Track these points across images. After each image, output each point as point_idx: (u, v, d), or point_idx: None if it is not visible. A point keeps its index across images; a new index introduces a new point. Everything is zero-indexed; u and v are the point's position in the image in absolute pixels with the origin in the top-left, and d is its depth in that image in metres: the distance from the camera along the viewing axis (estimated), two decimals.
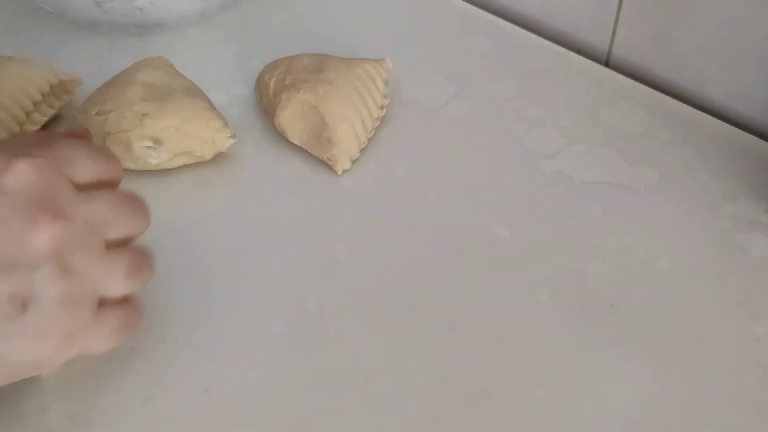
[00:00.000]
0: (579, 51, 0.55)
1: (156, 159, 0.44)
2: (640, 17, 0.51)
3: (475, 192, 0.45)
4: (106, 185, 0.32)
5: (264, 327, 0.38)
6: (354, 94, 0.45)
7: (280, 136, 0.47)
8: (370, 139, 0.47)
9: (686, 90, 0.52)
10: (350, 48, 0.52)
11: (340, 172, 0.45)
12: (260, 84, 0.48)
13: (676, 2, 0.49)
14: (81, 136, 0.35)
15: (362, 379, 0.36)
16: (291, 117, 0.45)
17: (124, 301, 0.32)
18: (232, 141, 0.45)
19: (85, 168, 0.31)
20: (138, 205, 0.33)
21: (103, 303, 0.31)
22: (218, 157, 0.46)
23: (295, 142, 0.46)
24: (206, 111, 0.45)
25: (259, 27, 0.57)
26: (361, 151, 0.46)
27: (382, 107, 0.48)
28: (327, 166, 0.46)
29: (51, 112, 0.47)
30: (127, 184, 0.45)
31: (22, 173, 0.29)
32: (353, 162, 0.46)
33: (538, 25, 0.58)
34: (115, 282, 0.31)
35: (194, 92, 0.46)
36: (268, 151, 0.47)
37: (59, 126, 0.48)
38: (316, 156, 0.46)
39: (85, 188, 0.31)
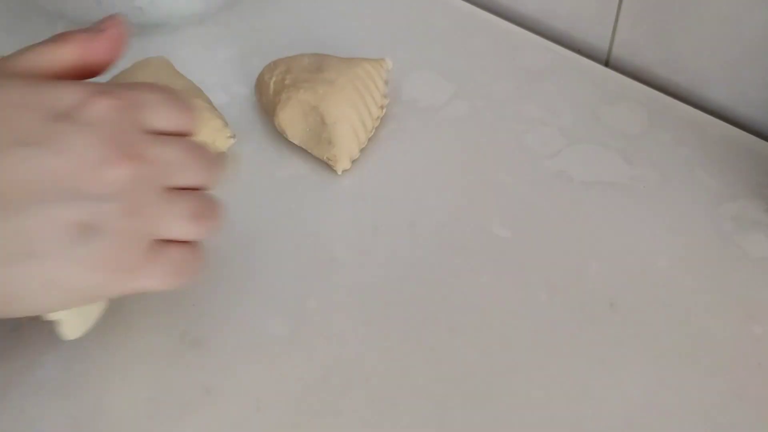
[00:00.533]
0: (579, 51, 0.55)
1: None
2: (640, 17, 0.51)
3: (475, 192, 0.45)
4: (181, 134, 0.33)
5: (264, 327, 0.38)
6: (354, 94, 0.45)
7: (280, 136, 0.47)
8: (370, 139, 0.47)
9: (686, 90, 0.52)
10: (350, 48, 0.52)
11: (340, 172, 0.45)
12: (260, 84, 0.48)
13: (676, 2, 0.49)
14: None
15: (362, 379, 0.36)
16: (291, 117, 0.45)
17: (186, 245, 0.32)
18: (232, 141, 0.45)
19: (162, 115, 0.32)
20: (210, 157, 0.34)
21: (165, 243, 0.32)
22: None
23: (295, 142, 0.46)
24: (206, 111, 0.45)
25: (259, 27, 0.57)
26: (361, 151, 0.46)
27: (382, 107, 0.48)
28: (327, 166, 0.46)
29: None
30: None
31: (102, 109, 0.30)
32: (353, 162, 0.46)
33: (538, 24, 0.58)
34: (178, 223, 0.32)
35: (194, 92, 0.46)
36: (268, 151, 0.47)
37: None
38: (316, 156, 0.46)
39: (159, 134, 0.32)
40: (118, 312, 0.39)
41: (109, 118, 0.30)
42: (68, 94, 0.30)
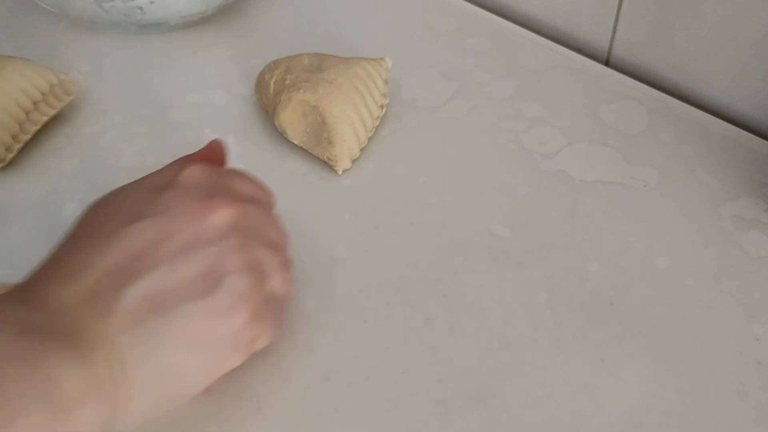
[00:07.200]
0: (579, 50, 0.55)
1: None
2: (640, 16, 0.51)
3: (475, 192, 0.45)
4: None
5: None
6: (354, 93, 0.45)
7: (280, 136, 0.47)
8: (370, 139, 0.47)
9: (686, 89, 0.52)
10: (350, 48, 0.52)
11: (340, 172, 0.45)
12: (260, 84, 0.48)
13: (676, 2, 0.49)
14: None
15: (362, 379, 0.36)
16: (291, 117, 0.45)
17: (279, 299, 0.33)
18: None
19: (242, 184, 0.35)
20: (281, 225, 0.36)
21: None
22: None
23: (295, 141, 0.46)
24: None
25: (259, 27, 0.57)
26: (362, 150, 0.46)
27: (382, 106, 0.48)
28: (327, 165, 0.46)
29: (51, 111, 0.47)
30: None
31: (195, 173, 0.32)
32: (353, 161, 0.46)
33: (538, 24, 0.58)
34: (275, 273, 0.33)
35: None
36: (268, 151, 0.47)
37: (59, 126, 0.48)
38: (317, 156, 0.46)
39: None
40: None
41: (202, 179, 0.32)
42: (166, 172, 0.33)
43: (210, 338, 0.30)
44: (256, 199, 0.34)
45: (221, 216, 0.31)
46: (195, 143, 0.48)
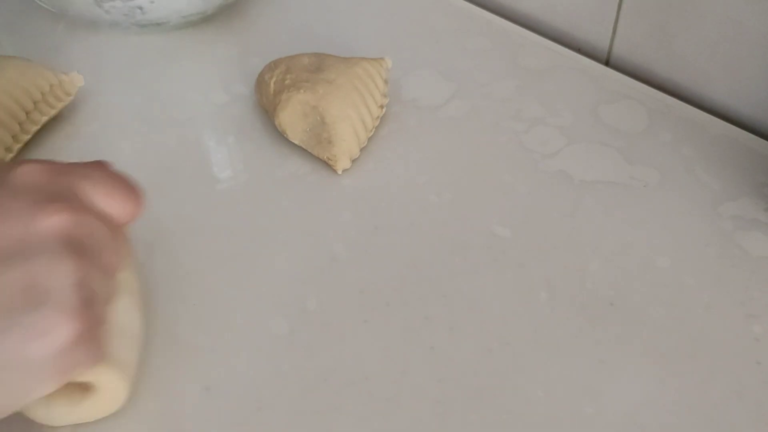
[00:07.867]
0: (579, 50, 0.55)
1: None
2: (640, 16, 0.51)
3: (475, 192, 0.45)
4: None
5: (264, 326, 0.38)
6: (354, 93, 0.45)
7: (280, 136, 0.47)
8: (370, 138, 0.47)
9: (686, 89, 0.52)
10: (350, 48, 0.52)
11: (340, 172, 0.45)
12: (260, 83, 0.48)
13: (676, 1, 0.49)
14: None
15: (362, 378, 0.36)
16: (291, 117, 0.45)
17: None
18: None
19: (94, 189, 0.30)
20: (122, 244, 0.31)
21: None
22: (218, 156, 0.46)
23: (295, 141, 0.46)
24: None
25: (259, 27, 0.57)
26: (361, 150, 0.46)
27: (382, 106, 0.48)
28: (327, 165, 0.46)
29: (51, 111, 0.47)
30: None
31: (31, 171, 0.29)
32: (353, 161, 0.46)
33: (538, 23, 0.58)
34: (106, 299, 0.29)
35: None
36: (268, 151, 0.47)
37: (59, 126, 0.48)
38: (316, 156, 0.46)
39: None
40: None
41: (37, 179, 0.28)
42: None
43: (23, 360, 0.26)
44: (106, 215, 0.30)
45: (54, 223, 0.27)
46: (195, 143, 0.48)
